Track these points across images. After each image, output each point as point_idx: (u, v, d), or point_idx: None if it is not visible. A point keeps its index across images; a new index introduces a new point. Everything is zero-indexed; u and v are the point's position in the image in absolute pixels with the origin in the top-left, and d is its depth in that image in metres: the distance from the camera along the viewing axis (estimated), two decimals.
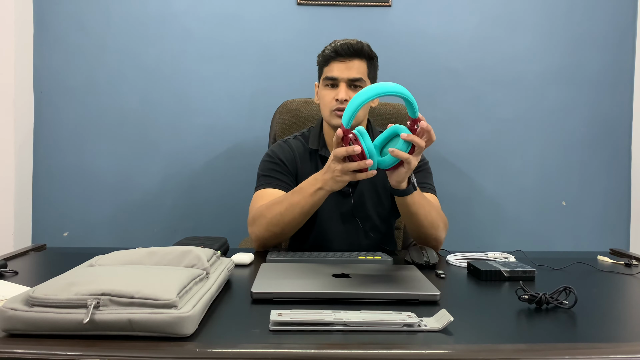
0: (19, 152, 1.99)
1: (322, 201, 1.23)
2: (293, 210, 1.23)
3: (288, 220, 1.24)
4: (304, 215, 1.24)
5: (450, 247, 1.33)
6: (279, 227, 1.25)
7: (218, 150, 2.10)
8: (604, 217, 2.17)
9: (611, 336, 0.73)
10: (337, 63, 1.37)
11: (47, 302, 0.65)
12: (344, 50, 1.36)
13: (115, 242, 2.07)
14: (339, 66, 1.37)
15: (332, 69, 1.37)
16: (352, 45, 1.36)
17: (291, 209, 1.23)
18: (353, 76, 1.36)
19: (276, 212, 1.25)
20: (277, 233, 1.27)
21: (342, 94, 1.35)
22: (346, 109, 1.04)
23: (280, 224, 1.25)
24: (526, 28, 2.12)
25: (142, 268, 0.79)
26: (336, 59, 1.37)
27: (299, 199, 1.22)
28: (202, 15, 2.07)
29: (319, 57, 1.43)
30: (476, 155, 2.14)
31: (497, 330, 0.73)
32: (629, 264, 1.19)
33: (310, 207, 1.23)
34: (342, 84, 1.37)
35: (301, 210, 1.23)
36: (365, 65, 1.39)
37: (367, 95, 1.01)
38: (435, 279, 1.01)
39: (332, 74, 1.37)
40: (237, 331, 0.70)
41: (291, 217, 1.24)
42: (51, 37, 2.05)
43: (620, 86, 2.15)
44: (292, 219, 1.24)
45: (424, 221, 1.26)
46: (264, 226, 1.27)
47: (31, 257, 1.21)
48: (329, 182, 1.16)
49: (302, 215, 1.24)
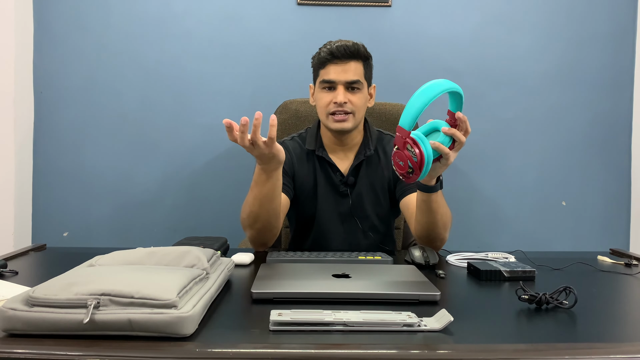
0: (19, 152, 1.99)
1: (280, 178, 1.18)
2: (260, 202, 1.19)
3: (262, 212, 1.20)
4: (272, 202, 1.19)
5: (450, 247, 1.33)
6: (259, 222, 1.22)
7: (218, 150, 2.10)
8: (604, 217, 2.17)
9: (611, 336, 0.73)
10: (334, 65, 1.36)
11: (47, 302, 0.65)
12: (341, 53, 1.35)
13: (115, 242, 2.07)
14: (335, 69, 1.35)
15: (329, 72, 1.36)
16: (349, 47, 1.35)
17: (258, 202, 1.19)
18: (351, 79, 1.36)
19: (249, 212, 1.22)
20: (262, 228, 1.23)
21: (341, 97, 1.34)
22: (406, 111, 1.03)
23: (258, 219, 1.21)
24: (526, 28, 2.12)
25: (142, 268, 0.79)
26: (332, 61, 1.36)
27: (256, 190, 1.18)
28: (202, 15, 2.07)
29: (314, 59, 1.41)
30: (476, 155, 2.14)
31: (497, 330, 0.73)
32: (629, 264, 1.19)
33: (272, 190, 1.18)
34: (339, 86, 1.35)
35: (267, 199, 1.18)
36: (362, 67, 1.38)
37: (428, 97, 1.04)
38: (435, 279, 1.01)
39: (329, 76, 1.36)
40: (237, 331, 0.70)
41: (263, 209, 1.20)
42: (51, 37, 2.05)
43: (620, 86, 2.15)
44: (265, 210, 1.20)
45: (439, 221, 1.25)
46: (249, 227, 1.25)
47: (31, 257, 1.21)
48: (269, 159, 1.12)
49: (270, 202, 1.19)
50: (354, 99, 1.37)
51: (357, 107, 1.38)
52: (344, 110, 1.36)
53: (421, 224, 1.28)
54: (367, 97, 1.41)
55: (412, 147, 1.04)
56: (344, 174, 1.43)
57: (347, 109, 1.36)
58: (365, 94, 1.40)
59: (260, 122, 1.05)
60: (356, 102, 1.37)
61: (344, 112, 1.36)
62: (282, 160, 1.15)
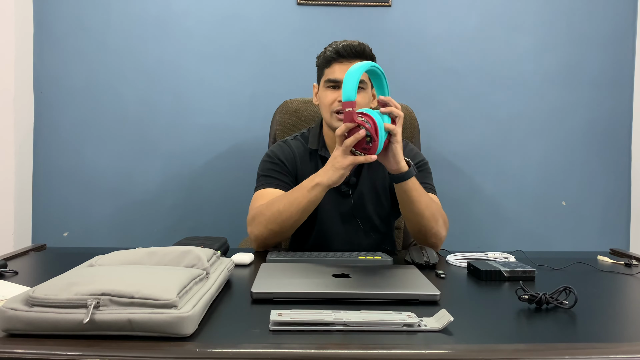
0: (19, 152, 1.99)
1: (320, 197, 1.23)
2: (291, 207, 1.23)
3: (286, 217, 1.24)
4: (302, 212, 1.24)
5: (450, 247, 1.33)
6: (278, 224, 1.25)
7: (218, 150, 2.10)
8: (604, 217, 2.17)
9: (611, 336, 0.73)
10: (339, 64, 1.36)
11: (47, 302, 0.65)
12: (347, 52, 1.35)
13: (115, 242, 2.07)
14: (341, 67, 1.36)
15: (334, 71, 1.37)
16: (355, 47, 1.36)
17: (289, 205, 1.23)
18: None
19: (275, 210, 1.25)
20: (276, 231, 1.27)
21: None
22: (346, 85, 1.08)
23: (278, 221, 1.25)
24: (526, 28, 2.12)
25: (142, 268, 0.79)
26: (338, 60, 1.36)
27: (297, 195, 1.23)
28: (202, 15, 2.07)
29: (319, 58, 1.42)
30: (476, 155, 2.14)
31: (497, 330, 0.73)
32: (629, 264, 1.19)
33: (308, 203, 1.22)
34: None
35: (299, 207, 1.23)
36: None
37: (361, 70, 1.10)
38: (435, 279, 1.01)
39: (334, 75, 1.36)
40: (237, 331, 0.70)
41: (289, 214, 1.24)
42: (51, 37, 2.05)
43: (620, 86, 2.15)
44: (290, 216, 1.24)
45: (425, 211, 1.25)
46: (263, 224, 1.27)
47: (31, 257, 1.21)
48: (327, 173, 1.18)
49: (299, 212, 1.24)
50: (358, 99, 1.37)
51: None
52: None
53: (409, 219, 1.29)
54: (370, 97, 1.42)
55: (362, 117, 1.11)
56: None
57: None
58: (369, 94, 1.40)
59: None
60: (360, 101, 1.37)
61: None
62: (337, 184, 1.22)
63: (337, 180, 1.19)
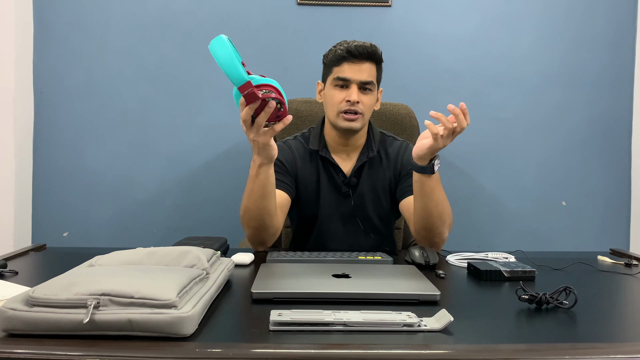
0: (19, 152, 1.99)
1: (270, 175, 1.18)
2: (252, 199, 1.20)
3: (254, 209, 1.21)
4: (263, 199, 1.20)
5: (450, 247, 1.33)
6: (254, 220, 1.23)
7: (218, 150, 2.10)
8: (604, 217, 2.17)
9: (611, 336, 0.73)
10: (350, 64, 1.35)
11: (47, 302, 0.64)
12: (359, 52, 1.35)
13: (115, 242, 2.07)
14: (351, 67, 1.35)
15: (344, 70, 1.36)
16: (367, 48, 1.35)
17: (250, 198, 1.21)
18: (365, 79, 1.36)
19: (244, 208, 1.23)
20: (259, 226, 1.24)
21: (354, 95, 1.34)
22: (230, 71, 0.97)
23: (254, 216, 1.23)
24: (526, 28, 2.12)
25: (142, 268, 0.79)
26: (349, 59, 1.35)
27: (250, 186, 1.20)
28: (202, 15, 2.07)
29: (329, 56, 1.40)
30: (476, 155, 2.14)
31: (497, 330, 0.73)
32: (629, 264, 1.19)
33: (262, 187, 1.18)
34: (353, 85, 1.35)
35: (258, 195, 1.19)
36: (375, 69, 1.39)
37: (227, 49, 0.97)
38: (435, 279, 1.01)
39: (344, 74, 1.36)
40: (237, 331, 0.70)
41: (255, 206, 1.21)
42: (51, 37, 2.05)
43: (620, 86, 2.15)
44: (257, 207, 1.21)
45: (435, 209, 1.24)
46: (246, 224, 1.26)
47: (31, 257, 1.21)
48: (261, 155, 1.14)
49: (261, 199, 1.20)
50: (365, 100, 1.37)
51: (367, 109, 1.38)
52: (355, 110, 1.36)
53: (417, 212, 1.27)
54: (375, 99, 1.42)
55: (262, 89, 1.02)
56: (346, 174, 1.43)
57: (358, 109, 1.36)
58: (375, 96, 1.40)
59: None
60: (367, 103, 1.37)
61: (355, 111, 1.36)
62: (273, 157, 1.16)
63: (272, 154, 1.15)
